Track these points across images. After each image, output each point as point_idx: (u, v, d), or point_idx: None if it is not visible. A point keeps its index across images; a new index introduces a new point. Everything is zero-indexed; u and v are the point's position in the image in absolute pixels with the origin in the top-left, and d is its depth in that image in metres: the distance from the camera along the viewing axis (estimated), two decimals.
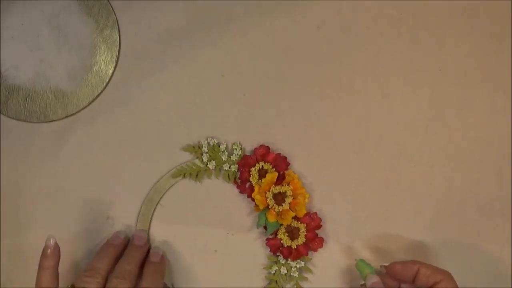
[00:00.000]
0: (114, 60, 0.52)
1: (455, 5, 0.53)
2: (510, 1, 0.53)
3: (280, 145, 0.51)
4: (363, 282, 0.46)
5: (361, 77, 0.52)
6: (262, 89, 0.52)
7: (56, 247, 0.45)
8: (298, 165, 0.51)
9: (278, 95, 0.52)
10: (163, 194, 0.51)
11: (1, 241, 0.51)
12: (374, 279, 0.45)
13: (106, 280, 0.45)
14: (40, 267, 0.45)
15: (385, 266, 0.46)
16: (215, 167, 0.51)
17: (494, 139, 0.52)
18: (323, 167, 0.51)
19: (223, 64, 0.52)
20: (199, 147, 0.51)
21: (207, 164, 0.51)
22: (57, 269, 0.45)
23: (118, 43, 0.52)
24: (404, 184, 0.51)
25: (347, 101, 0.52)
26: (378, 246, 0.50)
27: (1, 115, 0.52)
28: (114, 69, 0.52)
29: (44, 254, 0.45)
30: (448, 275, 0.44)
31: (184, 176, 0.51)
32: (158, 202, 0.51)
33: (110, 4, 0.52)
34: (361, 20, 0.52)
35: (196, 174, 0.51)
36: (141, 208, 0.51)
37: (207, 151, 0.51)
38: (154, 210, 0.51)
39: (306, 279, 0.50)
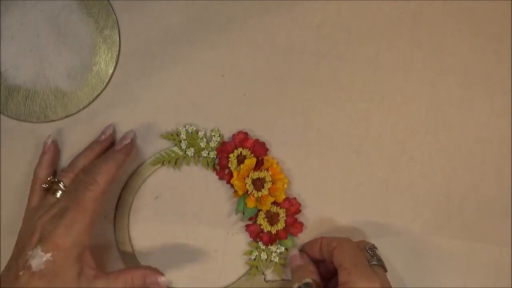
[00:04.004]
0: (114, 60, 0.52)
1: (455, 5, 0.53)
2: (510, 1, 0.53)
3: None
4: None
5: (361, 77, 0.52)
6: (262, 89, 0.52)
7: (52, 145, 0.50)
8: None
9: (278, 95, 0.52)
10: (142, 182, 0.51)
11: (1, 241, 0.51)
12: (294, 251, 0.49)
13: None
14: (38, 161, 0.49)
15: (300, 250, 0.49)
16: (194, 154, 0.51)
17: (494, 139, 0.52)
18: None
19: (223, 64, 0.52)
20: (177, 134, 0.51)
21: (185, 151, 0.51)
22: (52, 163, 0.49)
23: (118, 43, 0.52)
24: (404, 184, 0.51)
25: (347, 101, 0.52)
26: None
27: (1, 115, 0.52)
28: (114, 69, 0.52)
29: (43, 150, 0.50)
30: (343, 239, 0.46)
31: (163, 164, 0.51)
32: (138, 189, 0.51)
33: (110, 4, 0.52)
34: (361, 20, 0.52)
35: (175, 161, 0.51)
36: (120, 196, 0.51)
37: (185, 138, 0.51)
38: (133, 198, 0.51)
39: (286, 263, 0.50)
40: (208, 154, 0.51)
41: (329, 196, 0.51)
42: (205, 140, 0.51)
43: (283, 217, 0.49)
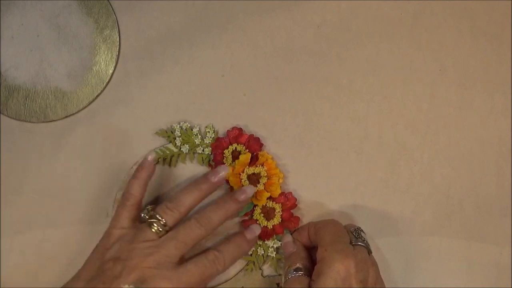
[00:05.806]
0: (114, 60, 0.52)
1: (455, 5, 0.53)
2: (510, 1, 0.53)
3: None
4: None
5: (361, 77, 0.52)
6: (262, 89, 0.52)
7: (152, 163, 0.48)
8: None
9: (278, 95, 0.52)
10: None
11: (1, 241, 0.51)
12: (287, 238, 0.49)
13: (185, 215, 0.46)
14: (133, 176, 0.47)
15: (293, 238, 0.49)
16: (188, 151, 0.51)
17: (494, 139, 0.52)
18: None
19: (223, 64, 0.52)
20: (171, 132, 0.51)
21: (180, 148, 0.51)
22: (147, 182, 0.47)
23: (118, 43, 0.52)
24: (404, 184, 0.51)
25: (347, 101, 0.52)
26: (378, 245, 0.50)
27: (1, 115, 0.52)
28: (114, 69, 0.52)
29: (141, 165, 0.48)
30: (328, 220, 0.47)
31: (157, 161, 0.51)
32: None
33: (110, 4, 0.52)
34: (361, 20, 0.52)
35: (170, 158, 0.51)
36: (116, 194, 0.51)
37: (179, 135, 0.51)
38: None
39: (283, 258, 0.50)
40: (203, 150, 0.51)
41: (328, 196, 0.51)
42: (199, 136, 0.51)
43: (279, 212, 0.49)
